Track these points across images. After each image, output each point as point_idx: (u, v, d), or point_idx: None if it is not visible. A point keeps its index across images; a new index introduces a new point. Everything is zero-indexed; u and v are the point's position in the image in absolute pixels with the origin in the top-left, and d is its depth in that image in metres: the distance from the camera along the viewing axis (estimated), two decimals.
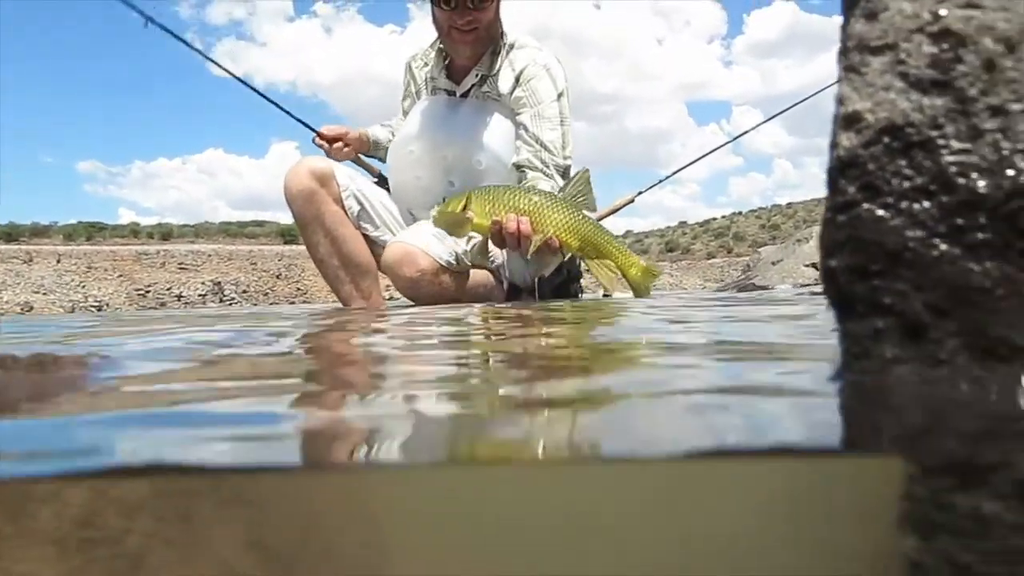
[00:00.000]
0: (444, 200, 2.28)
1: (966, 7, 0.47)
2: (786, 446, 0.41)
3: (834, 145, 0.50)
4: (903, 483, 0.38)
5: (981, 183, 0.45)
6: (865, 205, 0.48)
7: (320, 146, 2.71)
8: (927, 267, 0.46)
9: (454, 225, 2.18)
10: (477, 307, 2.10)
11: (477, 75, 2.60)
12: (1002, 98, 0.45)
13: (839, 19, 0.54)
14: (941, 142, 0.46)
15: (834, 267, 0.49)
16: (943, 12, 0.47)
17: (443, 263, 2.36)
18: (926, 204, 0.46)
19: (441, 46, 2.64)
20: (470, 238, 2.29)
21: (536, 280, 2.77)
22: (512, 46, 2.59)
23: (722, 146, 4.32)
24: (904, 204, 0.47)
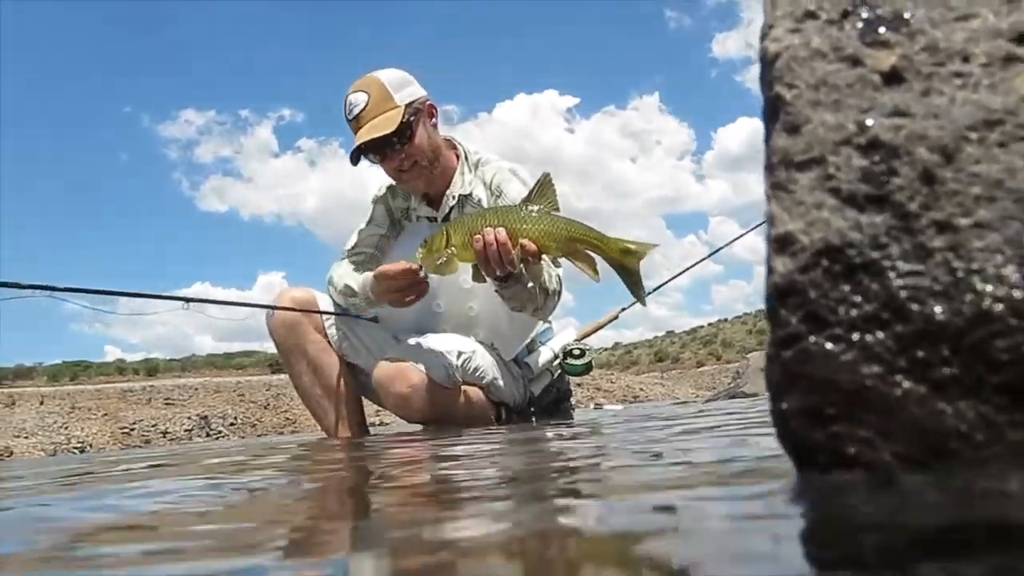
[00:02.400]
0: (424, 242, 2.20)
1: (894, 115, 0.42)
2: None
3: (770, 271, 0.44)
4: None
5: (938, 309, 0.39)
6: (811, 338, 0.41)
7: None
8: (892, 409, 0.39)
9: (443, 265, 2.14)
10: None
11: (455, 198, 2.61)
12: (947, 212, 0.40)
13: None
14: (887, 264, 0.40)
15: (786, 411, 0.42)
16: (869, 122, 0.42)
17: (435, 380, 2.29)
18: (880, 335, 0.40)
19: None
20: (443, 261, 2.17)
21: (527, 399, 2.68)
22: (478, 163, 2.63)
23: (703, 260, 4.33)
24: (855, 336, 0.40)
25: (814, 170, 0.43)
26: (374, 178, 2.72)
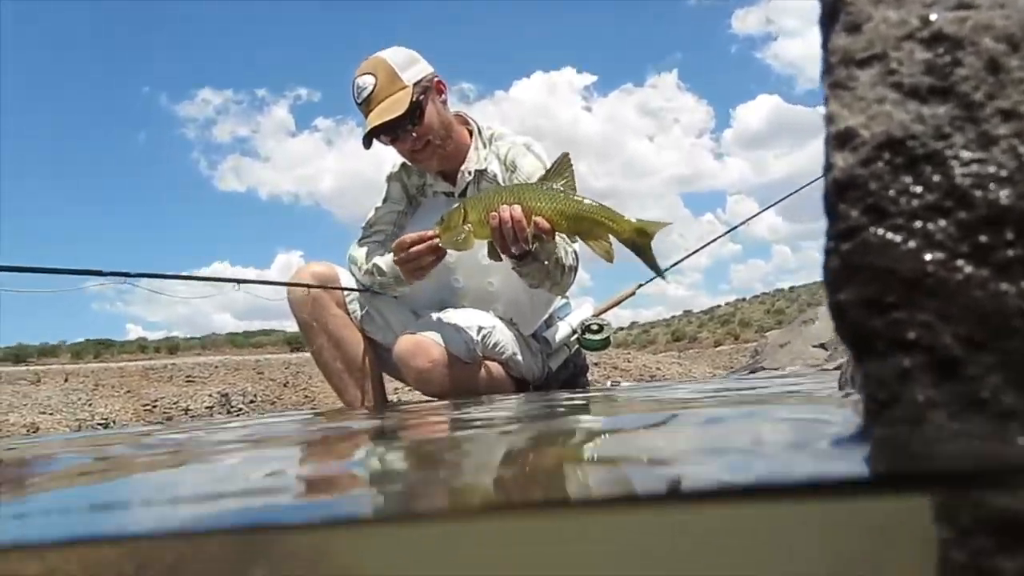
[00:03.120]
0: (441, 219, 2.22)
1: (958, 8, 0.42)
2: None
3: (828, 167, 0.44)
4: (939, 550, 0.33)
5: (1003, 194, 0.39)
6: (872, 229, 0.42)
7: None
8: (953, 293, 0.39)
9: (460, 242, 2.18)
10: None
11: (470, 173, 2.61)
12: (1013, 100, 0.40)
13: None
14: (950, 153, 0.41)
15: (843, 301, 0.43)
16: (933, 16, 0.43)
17: (455, 354, 2.31)
18: (942, 223, 0.41)
19: None
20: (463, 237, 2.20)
21: (545, 373, 2.70)
22: (492, 138, 2.63)
23: (720, 236, 4.31)
24: (917, 224, 0.41)
25: (875, 66, 0.44)
26: (390, 156, 2.71)
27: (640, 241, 2.11)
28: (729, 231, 4.60)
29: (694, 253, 4.08)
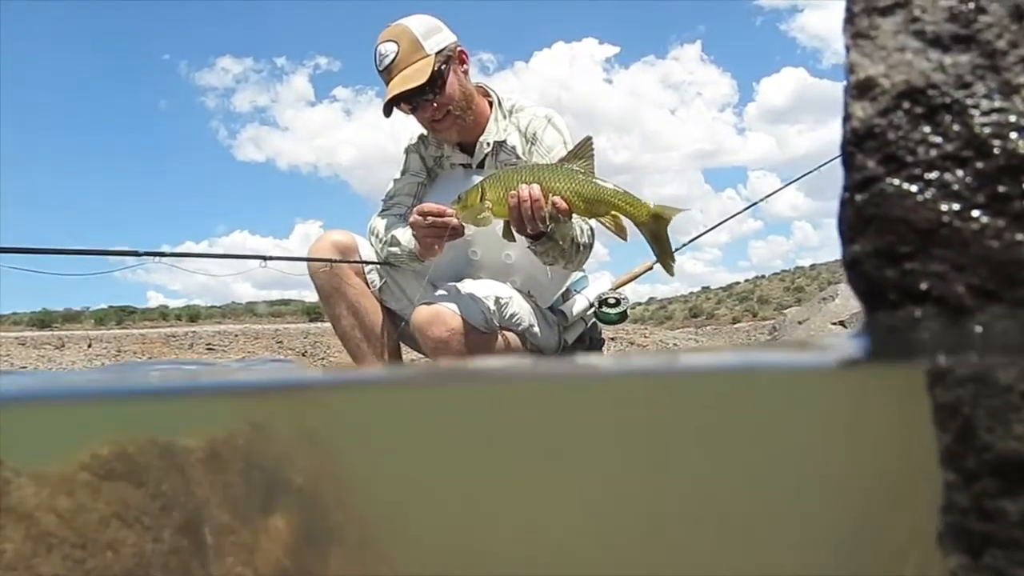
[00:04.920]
0: (459, 198, 2.24)
1: None
2: None
3: (847, 118, 0.44)
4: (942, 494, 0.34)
5: (1023, 143, 0.39)
6: (888, 179, 0.42)
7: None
8: (966, 243, 0.39)
9: (478, 219, 2.20)
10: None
11: (488, 144, 2.60)
12: None
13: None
14: (970, 102, 0.41)
15: (858, 252, 0.43)
16: None
17: (472, 324, 2.32)
18: (959, 173, 0.40)
19: None
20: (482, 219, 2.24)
21: (561, 346, 2.71)
22: (512, 109, 2.62)
23: (740, 212, 4.25)
24: (933, 175, 0.41)
25: (898, 14, 0.43)
26: (409, 127, 2.71)
27: (656, 226, 2.12)
28: (747, 208, 4.56)
29: (711, 230, 4.05)
